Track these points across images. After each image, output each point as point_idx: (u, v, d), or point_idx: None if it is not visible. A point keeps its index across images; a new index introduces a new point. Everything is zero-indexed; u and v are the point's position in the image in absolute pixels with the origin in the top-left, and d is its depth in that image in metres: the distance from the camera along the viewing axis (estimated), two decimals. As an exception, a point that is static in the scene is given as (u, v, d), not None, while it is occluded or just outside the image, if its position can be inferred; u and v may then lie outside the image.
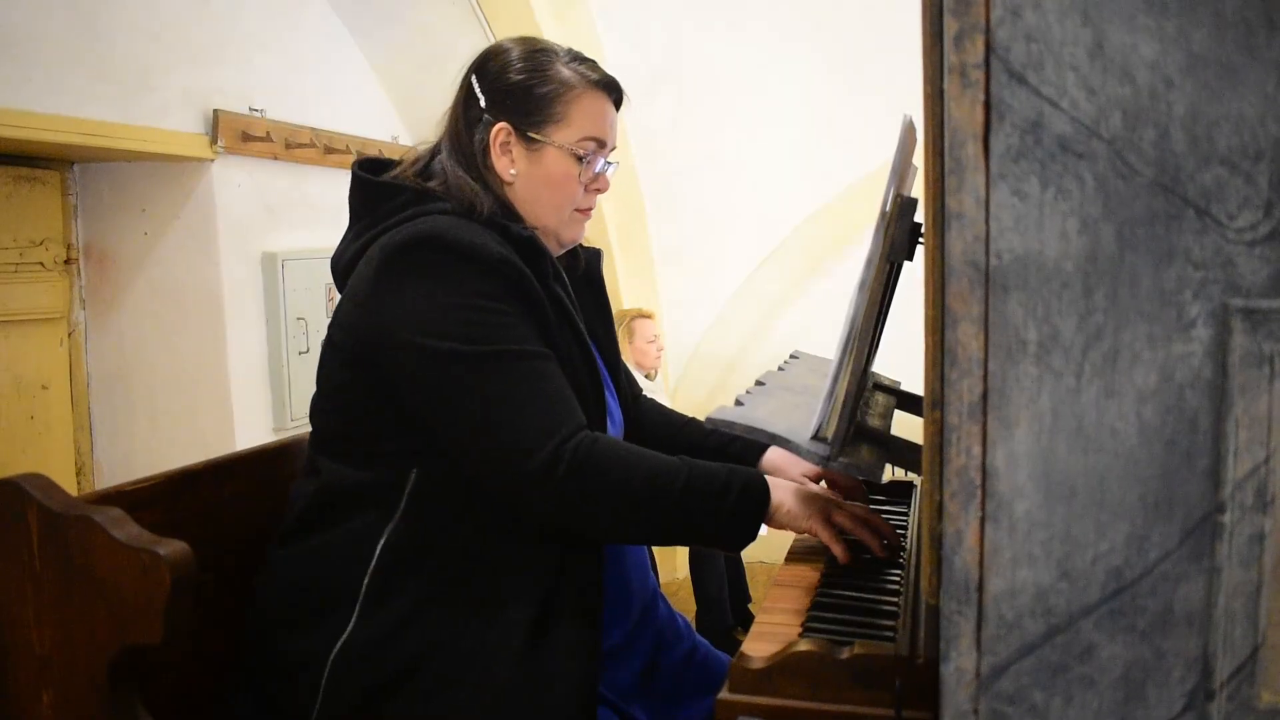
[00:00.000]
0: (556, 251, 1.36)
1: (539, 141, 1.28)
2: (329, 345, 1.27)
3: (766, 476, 1.22)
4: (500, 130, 1.28)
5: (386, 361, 1.18)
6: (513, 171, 1.29)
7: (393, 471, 1.19)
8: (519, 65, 1.29)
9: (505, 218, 1.26)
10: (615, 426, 1.38)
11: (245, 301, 2.95)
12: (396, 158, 1.36)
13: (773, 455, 1.47)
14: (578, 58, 1.33)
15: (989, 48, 0.70)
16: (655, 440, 1.49)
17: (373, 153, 3.33)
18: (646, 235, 4.53)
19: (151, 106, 2.67)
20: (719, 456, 1.46)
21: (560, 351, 1.22)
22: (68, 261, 2.85)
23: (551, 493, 1.12)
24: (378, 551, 1.17)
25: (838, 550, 1.21)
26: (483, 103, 1.29)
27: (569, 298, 1.28)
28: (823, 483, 1.45)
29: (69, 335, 2.87)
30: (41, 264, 2.76)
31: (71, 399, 2.88)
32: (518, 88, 1.28)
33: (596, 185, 1.34)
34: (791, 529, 1.22)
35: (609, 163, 1.35)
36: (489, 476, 1.16)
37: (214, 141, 2.83)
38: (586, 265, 1.46)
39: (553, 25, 3.78)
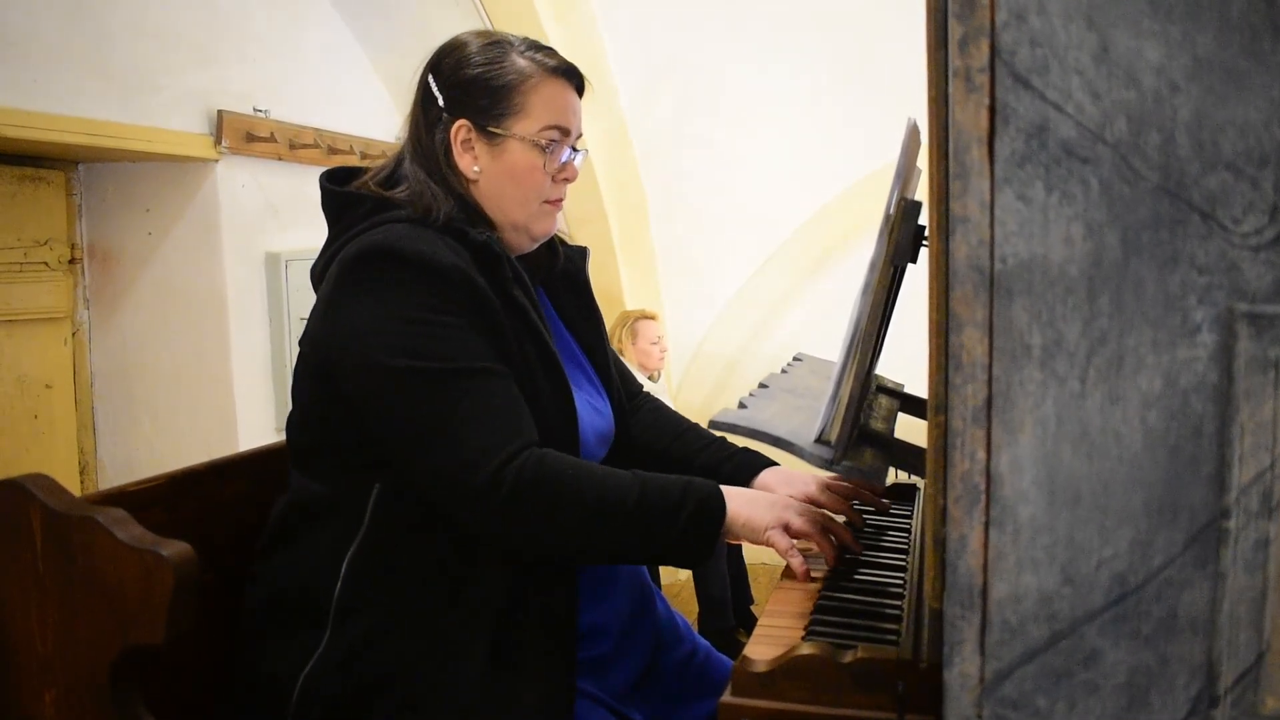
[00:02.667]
0: (529, 247, 1.33)
1: (500, 135, 1.25)
2: (299, 359, 1.26)
3: (725, 489, 1.18)
4: (460, 127, 1.26)
5: (340, 375, 1.17)
6: (476, 169, 1.27)
7: (355, 487, 1.18)
8: (474, 59, 1.26)
9: (464, 221, 1.23)
10: (600, 429, 1.34)
11: (248, 301, 2.95)
12: (368, 165, 1.33)
13: (766, 477, 1.40)
14: (534, 46, 1.29)
15: (994, 52, 0.70)
16: (647, 448, 1.47)
17: (376, 154, 3.34)
18: (649, 236, 4.53)
19: (156, 107, 2.67)
20: (709, 475, 1.39)
21: (517, 361, 1.19)
22: (72, 261, 2.85)
23: (495, 512, 1.09)
24: (344, 569, 1.16)
25: (793, 564, 1.19)
26: (440, 101, 1.27)
27: (532, 303, 1.24)
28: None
29: (73, 335, 2.87)
30: (46, 263, 2.76)
31: (75, 398, 2.88)
32: (474, 82, 1.25)
33: (564, 175, 1.30)
34: (750, 541, 1.18)
35: (575, 150, 1.31)
36: (434, 494, 1.14)
37: (218, 142, 2.83)
38: (569, 263, 1.43)
39: (554, 26, 3.78)
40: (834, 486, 1.37)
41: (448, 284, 1.15)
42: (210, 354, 2.90)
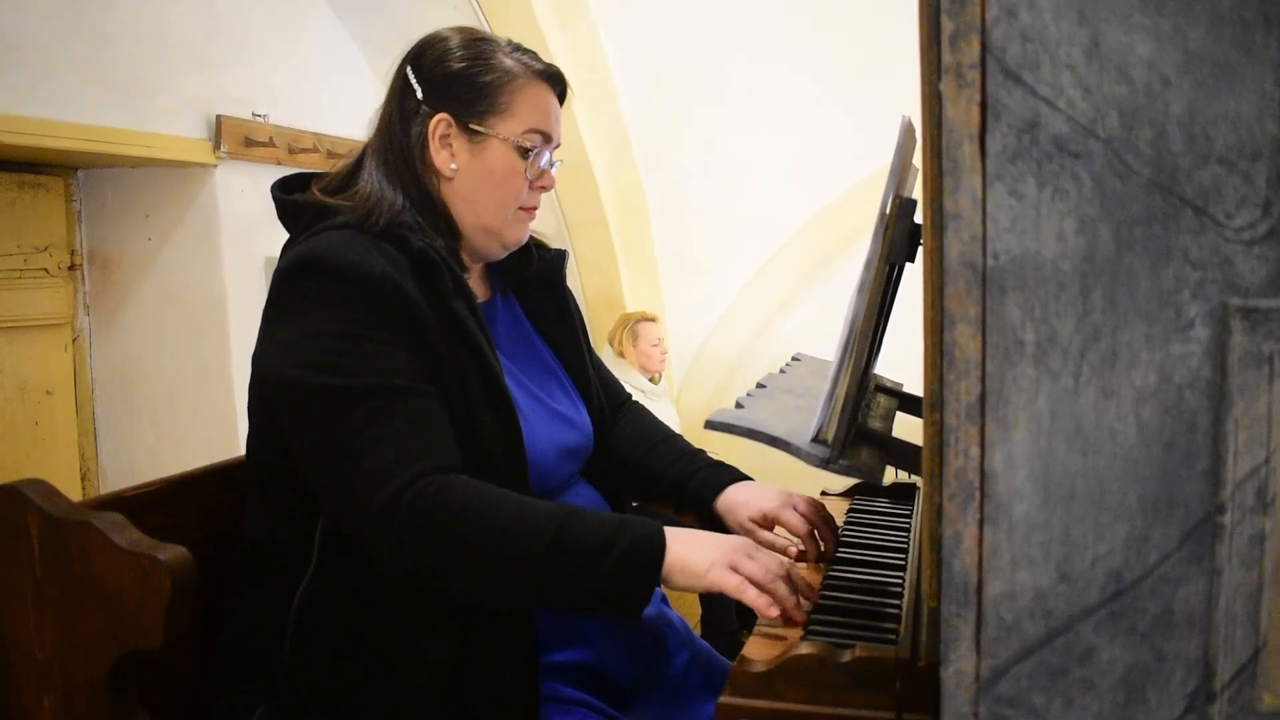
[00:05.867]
0: (498, 255, 1.29)
1: (482, 134, 1.21)
2: (250, 380, 1.21)
3: (670, 530, 1.07)
4: (440, 121, 1.21)
5: (269, 394, 1.13)
6: (453, 166, 1.22)
7: (301, 523, 1.13)
8: (459, 53, 1.23)
9: (411, 226, 1.17)
10: (565, 443, 1.28)
11: (249, 306, 2.96)
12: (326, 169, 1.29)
13: (733, 491, 1.34)
14: (519, 48, 1.27)
15: (984, 47, 0.70)
16: (623, 459, 1.42)
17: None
18: (650, 239, 4.53)
19: (155, 112, 2.68)
20: (677, 490, 1.38)
21: (451, 376, 1.13)
22: (72, 267, 2.86)
23: (386, 541, 1.03)
24: (292, 615, 1.11)
25: (749, 600, 1.04)
26: (420, 93, 1.22)
27: (474, 314, 1.17)
28: (775, 529, 1.32)
29: (73, 341, 2.88)
30: (46, 270, 2.76)
31: (76, 404, 2.88)
32: (458, 76, 1.22)
33: (542, 183, 1.27)
34: (693, 589, 1.06)
35: (554, 160, 1.28)
36: (337, 518, 1.08)
37: (217, 147, 2.84)
38: (545, 267, 1.38)
39: (556, 31, 3.79)
40: (801, 507, 1.30)
41: (375, 295, 1.09)
42: (211, 359, 2.91)
